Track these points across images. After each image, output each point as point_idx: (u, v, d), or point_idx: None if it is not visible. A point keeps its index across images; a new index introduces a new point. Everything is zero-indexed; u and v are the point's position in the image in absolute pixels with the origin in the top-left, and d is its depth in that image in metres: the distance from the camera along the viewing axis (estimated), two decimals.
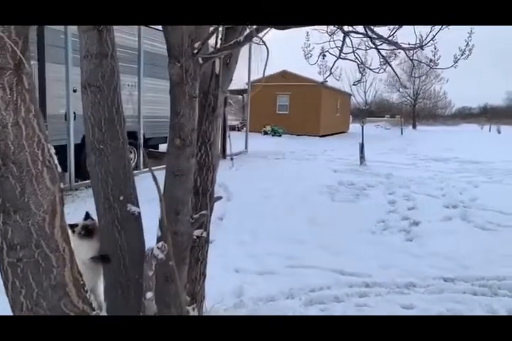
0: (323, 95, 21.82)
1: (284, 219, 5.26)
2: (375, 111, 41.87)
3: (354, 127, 33.38)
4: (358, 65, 4.95)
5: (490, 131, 35.78)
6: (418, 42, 4.04)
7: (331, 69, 5.14)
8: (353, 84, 5.90)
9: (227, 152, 11.64)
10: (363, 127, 12.31)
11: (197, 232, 2.05)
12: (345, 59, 4.77)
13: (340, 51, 4.44)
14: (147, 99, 8.82)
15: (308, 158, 12.31)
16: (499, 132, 32.90)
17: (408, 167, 10.64)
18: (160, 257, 1.58)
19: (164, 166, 1.87)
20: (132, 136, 8.20)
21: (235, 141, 13.29)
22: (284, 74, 20.29)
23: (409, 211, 5.89)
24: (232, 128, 20.67)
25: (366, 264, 3.74)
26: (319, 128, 22.00)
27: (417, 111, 42.37)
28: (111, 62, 1.98)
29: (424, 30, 3.71)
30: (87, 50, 1.94)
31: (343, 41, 4.05)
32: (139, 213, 2.05)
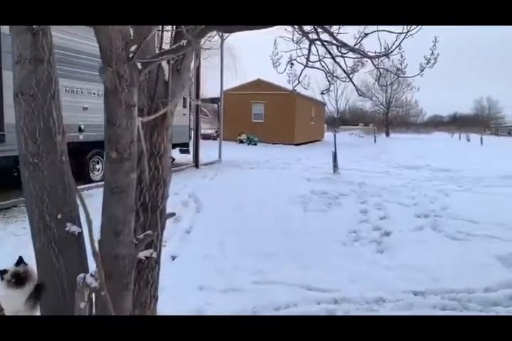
0: (297, 104, 21.94)
1: (255, 230, 5.11)
2: (349, 119, 42.51)
3: (329, 135, 33.72)
4: (325, 73, 4.92)
5: (460, 139, 36.76)
6: (384, 50, 3.99)
7: (299, 77, 5.08)
8: (322, 93, 5.85)
9: (201, 161, 11.47)
10: (335, 135, 12.35)
11: (144, 253, 1.87)
12: (312, 67, 4.71)
13: (307, 59, 4.36)
14: None
15: (282, 167, 12.23)
16: (468, 140, 33.81)
17: (381, 175, 10.69)
18: (93, 286, 1.40)
19: None
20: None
21: (210, 150, 13.14)
22: (259, 83, 20.34)
23: (381, 221, 5.84)
24: (208, 136, 20.52)
25: (336, 278, 3.63)
26: (294, 137, 22.07)
27: (390, 119, 43.29)
28: (47, 68, 1.80)
29: (389, 38, 3.66)
30: (20, 54, 1.76)
31: (309, 49, 3.97)
32: (80, 233, 1.87)
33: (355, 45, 3.83)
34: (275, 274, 3.69)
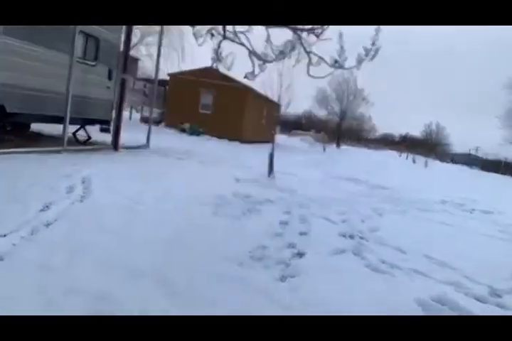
0: (249, 99, 20.93)
1: (134, 234, 3.99)
2: (304, 125, 42.26)
3: (281, 138, 33.11)
4: (249, 51, 3.96)
5: (407, 159, 37.60)
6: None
7: (217, 51, 4.07)
8: (245, 77, 4.92)
9: (122, 144, 10.13)
10: (274, 135, 11.47)
11: None
12: (231, 40, 3.74)
13: (224, 31, 3.41)
14: (15, 66, 7.12)
15: (215, 162, 11.15)
16: (414, 161, 34.57)
17: (317, 184, 9.92)
18: None
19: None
20: None
21: (142, 134, 11.79)
22: (212, 71, 19.02)
23: (300, 237, 4.91)
24: (146, 120, 18.97)
25: (205, 313, 2.59)
26: (242, 133, 21.03)
27: (343, 131, 43.46)
28: None
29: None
30: None
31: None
32: None
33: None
34: (126, 301, 2.60)
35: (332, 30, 3.25)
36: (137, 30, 23.84)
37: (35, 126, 10.27)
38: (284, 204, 6.71)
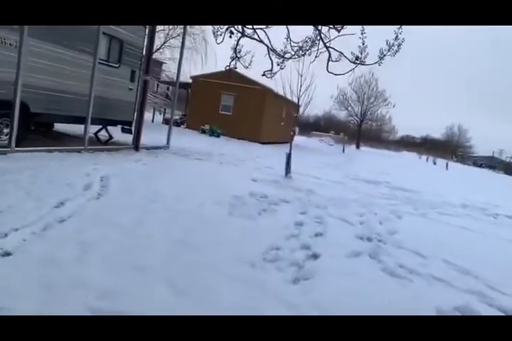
0: (268, 100, 20.88)
1: (146, 232, 3.98)
2: (322, 126, 41.90)
3: (300, 139, 32.92)
4: (267, 48, 3.91)
5: (427, 161, 36.87)
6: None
7: (236, 48, 4.04)
8: (263, 75, 4.87)
9: (143, 144, 10.22)
10: (293, 136, 11.38)
11: None
12: (250, 38, 3.69)
13: (243, 29, 3.37)
14: (40, 67, 7.26)
15: (234, 163, 11.12)
16: (435, 163, 33.91)
17: (335, 185, 9.78)
18: None
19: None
20: (8, 105, 6.58)
21: (163, 135, 11.88)
22: (231, 73, 19.05)
23: (315, 238, 4.83)
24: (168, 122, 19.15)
25: (212, 314, 2.55)
26: (260, 135, 21.00)
27: (363, 132, 42.89)
28: None
29: None
30: None
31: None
32: None
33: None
34: (131, 298, 2.58)
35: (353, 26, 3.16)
36: (161, 33, 24.11)
37: (59, 126, 10.47)
38: (300, 204, 6.62)
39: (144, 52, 9.88)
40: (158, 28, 16.40)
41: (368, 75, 39.91)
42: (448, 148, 54.10)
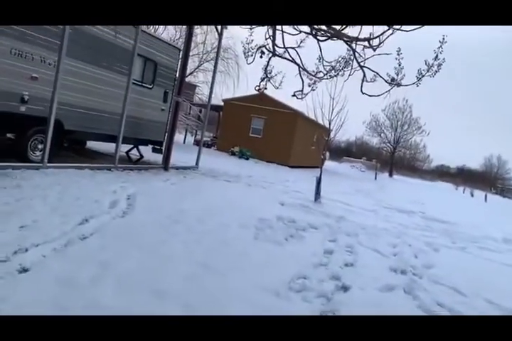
0: (298, 124, 20.83)
1: (169, 254, 3.83)
2: (354, 152, 41.37)
3: (331, 165, 32.54)
4: (299, 67, 3.81)
5: (464, 192, 35.51)
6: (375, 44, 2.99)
7: (266, 68, 3.96)
8: (293, 95, 4.78)
9: (172, 164, 10.25)
10: (323, 161, 11.15)
11: None
12: (281, 57, 3.62)
13: (273, 48, 3.31)
14: (76, 86, 7.46)
15: (262, 186, 10.97)
16: (472, 195, 32.59)
17: (367, 213, 9.40)
18: None
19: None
20: (44, 121, 6.74)
21: (193, 155, 11.95)
22: (262, 97, 19.17)
23: (345, 268, 4.54)
24: (203, 143, 19.39)
25: None
26: (290, 158, 20.86)
27: (396, 160, 41.94)
28: None
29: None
30: None
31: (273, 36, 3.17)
32: None
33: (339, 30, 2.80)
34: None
35: (389, 45, 3.02)
36: (196, 57, 24.83)
37: (92, 144, 10.69)
38: (329, 231, 6.34)
39: (177, 74, 10.06)
40: (193, 52, 16.83)
41: (401, 101, 39.49)
42: (486, 179, 52.15)
